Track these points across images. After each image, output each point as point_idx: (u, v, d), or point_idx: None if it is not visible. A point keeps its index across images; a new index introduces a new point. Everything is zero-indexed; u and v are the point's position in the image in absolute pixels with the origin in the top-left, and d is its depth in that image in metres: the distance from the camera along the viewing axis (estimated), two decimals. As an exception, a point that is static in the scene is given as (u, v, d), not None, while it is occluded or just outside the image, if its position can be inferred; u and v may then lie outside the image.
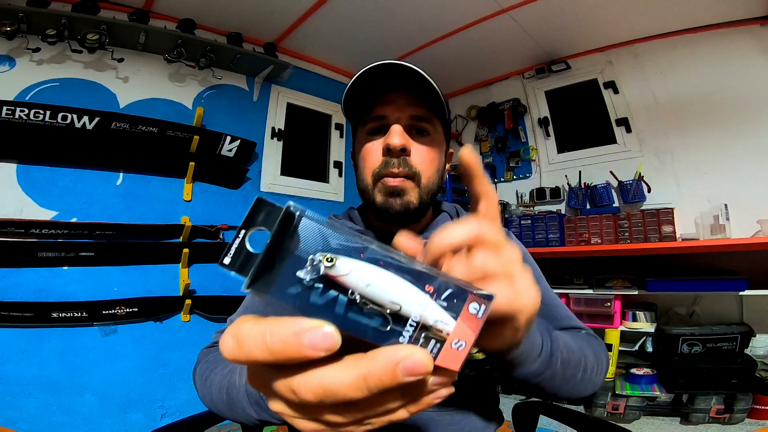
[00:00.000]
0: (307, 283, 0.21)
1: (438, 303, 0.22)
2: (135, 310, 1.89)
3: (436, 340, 0.22)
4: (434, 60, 2.70)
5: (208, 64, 2.18)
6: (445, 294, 0.22)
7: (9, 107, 1.66)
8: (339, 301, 0.21)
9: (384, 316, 0.21)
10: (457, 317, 0.22)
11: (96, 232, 1.85)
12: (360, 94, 0.64)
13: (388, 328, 0.21)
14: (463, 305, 0.22)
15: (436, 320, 0.22)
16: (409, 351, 0.20)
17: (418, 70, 0.59)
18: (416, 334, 0.22)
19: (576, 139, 2.69)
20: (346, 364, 0.20)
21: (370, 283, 0.21)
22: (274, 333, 0.20)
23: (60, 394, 1.71)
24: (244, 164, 2.39)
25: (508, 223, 2.58)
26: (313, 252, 0.21)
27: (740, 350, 1.88)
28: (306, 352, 0.19)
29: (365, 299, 0.21)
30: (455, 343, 0.22)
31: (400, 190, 0.62)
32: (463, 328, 0.22)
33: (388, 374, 0.19)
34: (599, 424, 0.71)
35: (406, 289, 0.22)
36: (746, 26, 2.10)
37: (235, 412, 0.46)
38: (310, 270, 0.21)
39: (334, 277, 0.21)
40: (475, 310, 0.22)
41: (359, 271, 0.21)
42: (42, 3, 1.74)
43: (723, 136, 2.14)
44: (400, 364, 0.19)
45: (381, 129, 0.64)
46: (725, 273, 1.98)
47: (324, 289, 0.21)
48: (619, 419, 1.95)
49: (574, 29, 2.42)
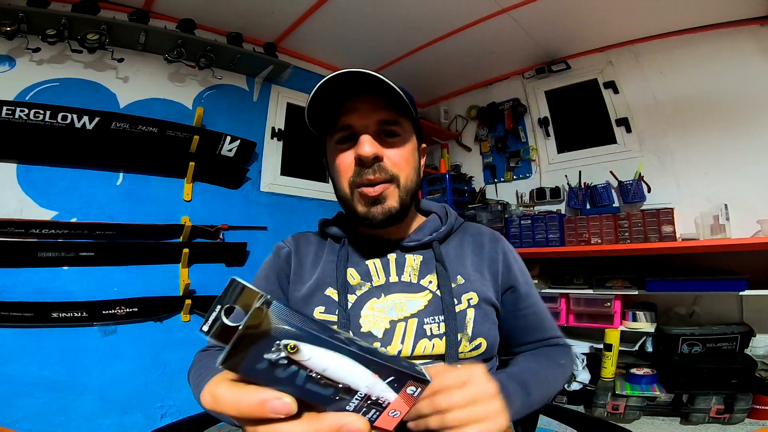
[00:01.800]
0: (273, 362, 0.25)
1: (384, 383, 0.27)
2: (135, 310, 1.89)
3: (376, 409, 0.28)
4: (434, 60, 2.70)
5: (208, 64, 2.18)
6: (388, 379, 0.27)
7: (9, 107, 1.66)
8: (299, 375, 0.25)
9: (336, 388, 0.26)
10: (397, 394, 0.28)
11: (96, 232, 1.85)
12: (323, 105, 0.63)
13: (338, 398, 0.26)
14: (403, 386, 0.28)
15: (379, 396, 0.28)
16: (352, 419, 0.26)
17: (376, 75, 0.59)
18: (361, 403, 0.27)
19: (576, 139, 2.69)
20: (301, 422, 0.26)
21: (326, 367, 0.25)
22: (243, 400, 0.25)
23: (60, 394, 1.71)
24: (244, 164, 2.39)
25: (508, 223, 2.59)
26: (280, 338, 0.24)
27: (740, 350, 1.88)
28: (268, 415, 0.24)
29: (321, 376, 0.26)
30: (392, 413, 0.29)
31: (381, 197, 0.63)
32: (399, 403, 0.28)
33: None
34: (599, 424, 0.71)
35: (357, 373, 0.26)
36: (746, 26, 2.10)
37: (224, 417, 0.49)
38: (276, 354, 0.24)
39: (296, 361, 0.25)
40: (412, 391, 0.28)
41: (319, 357, 0.25)
42: (42, 3, 1.74)
43: (723, 136, 2.14)
44: (343, 427, 0.25)
45: (349, 138, 0.64)
46: (725, 273, 1.98)
47: (287, 366, 0.25)
48: (619, 419, 1.95)
49: (574, 29, 2.42)
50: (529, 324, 0.72)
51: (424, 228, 0.73)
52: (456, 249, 0.72)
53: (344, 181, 0.65)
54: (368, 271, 0.69)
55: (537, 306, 0.73)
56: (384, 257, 0.70)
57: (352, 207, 0.65)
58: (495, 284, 0.71)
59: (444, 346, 0.62)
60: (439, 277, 0.67)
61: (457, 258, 0.71)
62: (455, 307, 0.64)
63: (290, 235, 0.80)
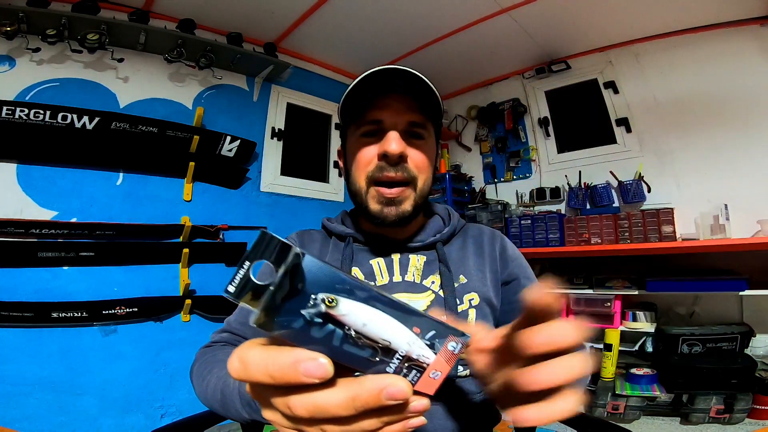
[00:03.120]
0: (309, 319, 0.23)
1: (423, 341, 0.25)
2: (135, 310, 1.89)
3: (417, 370, 0.26)
4: (434, 60, 2.70)
5: (208, 64, 2.18)
6: (429, 334, 0.26)
7: (9, 107, 1.66)
8: (336, 334, 0.24)
9: (375, 348, 0.25)
10: (437, 353, 0.26)
11: (96, 232, 1.85)
12: (357, 96, 0.63)
13: (377, 359, 0.25)
14: (443, 342, 0.26)
15: (420, 354, 0.26)
16: (393, 380, 0.23)
17: (418, 75, 0.59)
18: (401, 365, 0.25)
19: (576, 139, 2.69)
20: (338, 387, 0.23)
21: (366, 323, 0.24)
22: (275, 362, 0.22)
23: (60, 394, 1.71)
24: (244, 164, 2.39)
25: (508, 223, 2.58)
26: (316, 292, 0.23)
27: (740, 350, 1.88)
28: (301, 379, 0.22)
29: (360, 335, 0.24)
30: (432, 374, 0.26)
31: (397, 200, 0.63)
32: (440, 362, 0.26)
33: (374, 397, 0.23)
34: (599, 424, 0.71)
35: (397, 329, 0.25)
36: (746, 26, 2.10)
37: (228, 411, 0.48)
38: (313, 309, 0.23)
39: (334, 316, 0.23)
40: (453, 348, 0.26)
41: (357, 312, 0.24)
42: (42, 3, 1.74)
43: (723, 136, 2.14)
44: (384, 390, 0.23)
45: (376, 132, 0.64)
46: (725, 273, 1.98)
47: (323, 324, 0.23)
48: (619, 419, 1.95)
49: (574, 29, 2.42)
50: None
51: (428, 229, 0.73)
52: (458, 250, 0.73)
53: (361, 175, 0.65)
54: (372, 271, 0.69)
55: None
56: (388, 257, 0.70)
57: (365, 203, 0.65)
58: (495, 283, 0.71)
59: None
60: (442, 277, 0.67)
61: (459, 259, 0.71)
62: (457, 307, 0.64)
63: (294, 232, 0.79)
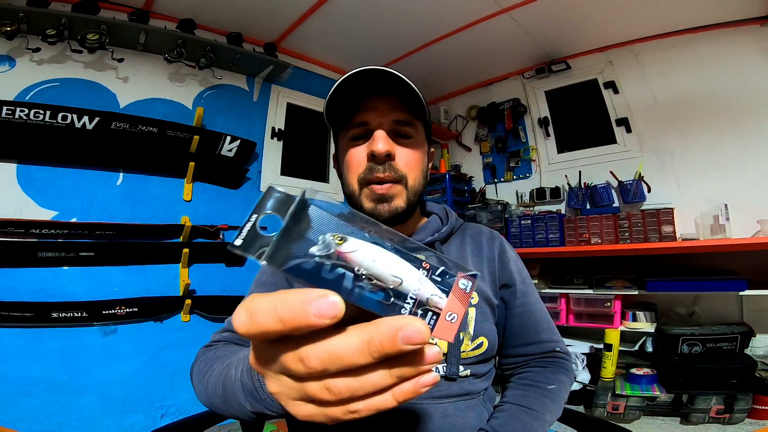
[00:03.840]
0: (319, 260, 0.23)
1: (432, 279, 0.25)
2: (135, 310, 1.89)
3: (433, 313, 0.25)
4: (434, 60, 2.70)
5: (208, 64, 2.18)
6: (438, 271, 0.25)
7: (9, 107, 1.66)
8: (347, 276, 0.23)
9: (386, 290, 0.24)
10: (449, 292, 0.25)
11: (96, 232, 1.85)
12: (341, 101, 0.64)
13: (390, 302, 0.24)
14: (453, 281, 0.25)
15: (432, 294, 0.25)
16: (409, 320, 0.21)
17: (398, 75, 0.60)
18: (415, 308, 0.24)
19: (576, 139, 2.69)
20: (351, 331, 0.22)
21: (375, 258, 0.24)
22: (284, 303, 0.21)
23: (60, 394, 1.71)
24: (244, 164, 2.39)
25: (508, 223, 2.59)
26: (323, 233, 0.24)
27: (740, 350, 1.88)
28: (312, 320, 0.20)
29: (370, 275, 0.24)
30: (449, 316, 0.25)
31: (388, 196, 0.63)
32: (454, 303, 0.25)
33: (390, 340, 0.21)
34: (599, 424, 0.71)
35: (406, 266, 0.24)
36: (746, 26, 2.10)
37: (230, 406, 0.47)
38: (323, 247, 0.23)
39: (343, 253, 0.23)
40: (464, 286, 0.25)
41: (366, 249, 0.24)
42: (42, 3, 1.74)
43: (723, 136, 2.14)
44: (400, 331, 0.21)
45: (364, 135, 0.65)
46: (725, 273, 1.98)
47: (333, 266, 0.23)
48: (619, 419, 1.95)
49: (574, 29, 2.42)
50: (523, 324, 0.71)
51: (426, 228, 0.73)
52: (457, 250, 0.73)
53: (353, 178, 0.65)
54: None
55: (533, 306, 0.72)
56: None
57: (359, 203, 0.66)
58: (493, 283, 0.71)
59: (446, 345, 0.62)
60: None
61: (458, 258, 0.71)
62: None
63: None
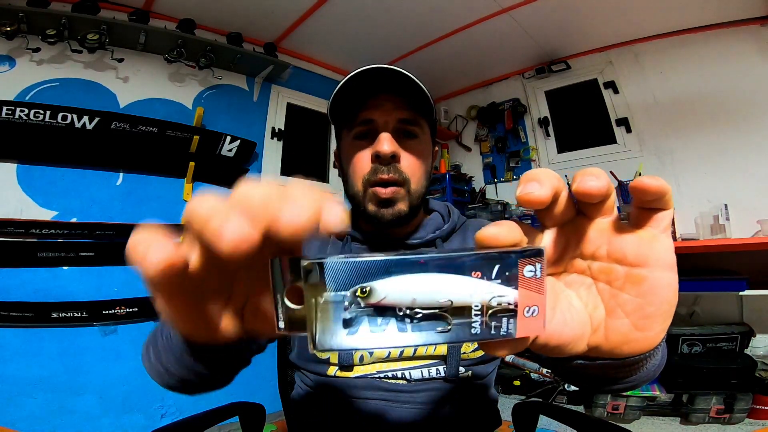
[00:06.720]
0: (357, 320, 0.21)
1: (492, 282, 0.21)
2: (135, 310, 1.89)
3: (508, 317, 0.21)
4: (434, 60, 2.70)
5: (208, 64, 2.18)
6: (495, 270, 0.21)
7: (9, 107, 1.66)
8: (392, 322, 0.21)
9: (441, 317, 0.21)
10: (518, 286, 0.21)
11: (96, 232, 1.85)
12: (346, 98, 0.63)
13: (449, 328, 0.21)
14: (517, 272, 0.21)
15: (496, 297, 0.21)
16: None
17: (405, 73, 0.59)
18: (484, 318, 0.21)
19: (576, 139, 2.69)
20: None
21: (414, 296, 0.21)
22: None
23: (60, 394, 1.71)
24: (244, 164, 2.39)
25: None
26: (344, 289, 0.21)
27: (740, 350, 1.88)
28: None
29: (416, 309, 0.21)
30: (527, 311, 0.21)
31: (392, 200, 0.63)
32: (527, 296, 0.21)
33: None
34: (599, 424, 0.71)
35: (452, 283, 0.21)
36: (746, 26, 2.10)
37: (177, 360, 0.37)
38: (353, 308, 0.21)
39: (376, 304, 0.21)
40: (532, 272, 0.21)
41: (397, 288, 0.21)
42: (42, 3, 1.74)
43: (723, 136, 2.14)
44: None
45: (368, 133, 0.64)
46: (725, 273, 1.98)
47: (374, 316, 0.21)
48: (619, 419, 1.95)
49: (574, 29, 2.42)
50: None
51: (427, 226, 0.73)
52: (459, 247, 0.73)
53: (358, 179, 0.65)
54: None
55: None
56: None
57: (363, 205, 0.65)
58: None
59: (446, 345, 0.62)
60: None
61: None
62: None
63: None
